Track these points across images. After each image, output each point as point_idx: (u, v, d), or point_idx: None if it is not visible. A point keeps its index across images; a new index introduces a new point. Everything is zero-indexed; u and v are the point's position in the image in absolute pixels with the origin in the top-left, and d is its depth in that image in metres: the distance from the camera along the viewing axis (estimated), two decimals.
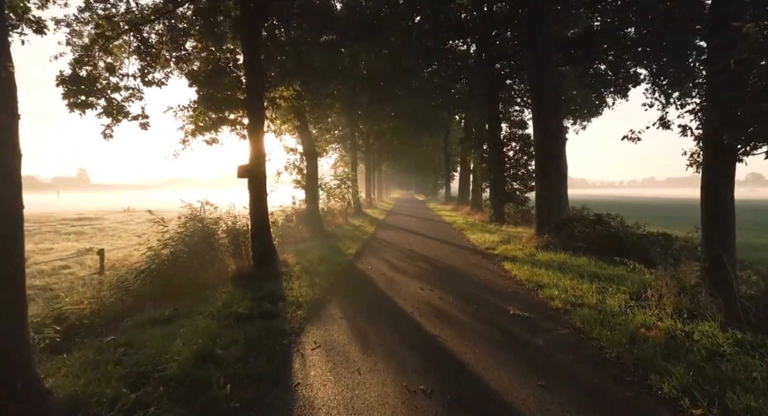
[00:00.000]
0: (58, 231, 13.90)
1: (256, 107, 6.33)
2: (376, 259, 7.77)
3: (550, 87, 8.40)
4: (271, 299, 4.79)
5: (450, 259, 7.72)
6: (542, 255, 7.39)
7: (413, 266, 7.01)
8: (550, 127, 8.43)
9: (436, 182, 48.97)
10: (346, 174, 15.37)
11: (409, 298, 5.00)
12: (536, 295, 5.12)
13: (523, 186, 14.85)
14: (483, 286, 5.63)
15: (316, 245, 9.10)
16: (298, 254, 7.78)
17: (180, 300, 5.01)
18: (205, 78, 6.39)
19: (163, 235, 6.29)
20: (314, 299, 4.90)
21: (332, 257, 7.57)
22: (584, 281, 5.37)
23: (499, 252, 8.27)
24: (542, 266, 6.54)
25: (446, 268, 6.89)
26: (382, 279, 6.03)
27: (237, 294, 4.99)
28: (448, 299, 4.92)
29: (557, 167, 8.42)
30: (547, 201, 8.47)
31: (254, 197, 6.48)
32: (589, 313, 4.15)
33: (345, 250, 8.74)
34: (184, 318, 4.18)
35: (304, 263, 6.82)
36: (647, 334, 3.50)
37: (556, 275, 5.88)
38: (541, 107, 8.54)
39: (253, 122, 6.39)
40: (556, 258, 7.03)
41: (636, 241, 7.43)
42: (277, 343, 3.52)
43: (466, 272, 6.57)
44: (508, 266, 6.88)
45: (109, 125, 6.75)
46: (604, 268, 6.15)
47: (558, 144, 8.44)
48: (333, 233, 11.32)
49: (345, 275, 6.29)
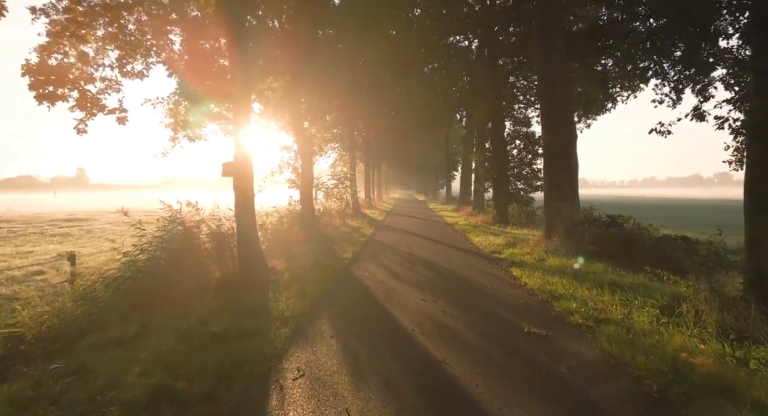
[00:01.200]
0: (43, 233, 13.36)
1: (243, 99, 5.79)
2: (374, 264, 7.23)
3: (560, 79, 7.85)
4: (254, 313, 4.24)
5: (453, 264, 7.18)
6: (553, 260, 6.85)
7: (413, 273, 6.47)
8: (559, 121, 7.88)
9: (436, 182, 48.52)
10: (343, 173, 14.82)
11: (409, 311, 4.46)
12: (551, 308, 4.57)
13: (528, 186, 14.34)
14: (491, 296, 5.09)
15: (310, 248, 8.56)
16: (290, 259, 7.23)
17: (154, 313, 4.46)
18: (186, 66, 5.86)
19: (140, 239, 5.75)
20: (303, 313, 4.35)
21: (327, 263, 7.02)
22: (604, 291, 4.83)
23: (506, 257, 7.73)
24: (554, 273, 6.00)
25: (449, 275, 6.35)
26: (380, 288, 5.49)
27: (216, 307, 4.45)
28: (452, 313, 4.38)
29: (567, 165, 7.87)
30: (557, 202, 7.93)
31: (240, 197, 5.93)
32: (616, 331, 3.61)
33: (341, 254, 8.19)
34: (151, 336, 3.63)
35: (295, 270, 6.28)
36: (691, 360, 2.96)
37: (571, 283, 5.34)
38: (550, 101, 7.99)
39: (238, 115, 5.84)
40: (569, 264, 6.49)
41: (654, 245, 6.89)
42: (253, 371, 2.97)
43: (471, 279, 6.03)
44: (517, 272, 6.34)
45: (83, 119, 6.21)
46: (623, 276, 5.60)
47: (568, 140, 7.90)
48: (329, 235, 10.78)
49: (339, 284, 5.75)
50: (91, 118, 6.28)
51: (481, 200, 19.14)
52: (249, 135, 6.00)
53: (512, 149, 14.78)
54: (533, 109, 18.41)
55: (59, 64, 5.91)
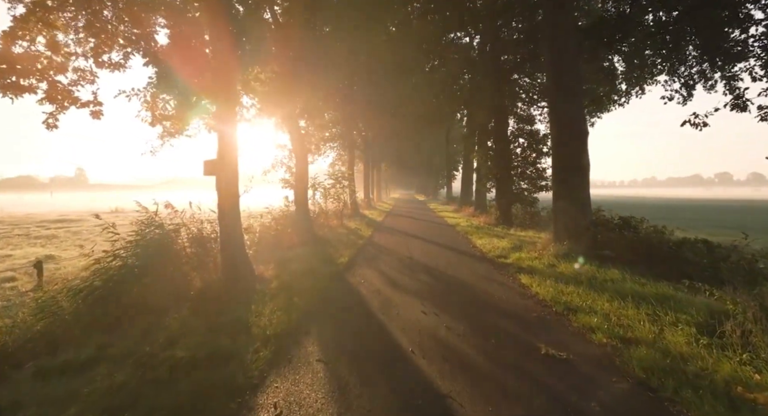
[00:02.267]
0: (29, 235, 12.84)
1: (226, 91, 5.27)
2: (371, 270, 6.72)
3: (570, 71, 7.33)
4: (231, 330, 3.73)
5: (456, 270, 6.66)
6: (564, 266, 6.33)
7: (414, 280, 5.95)
8: (570, 116, 7.37)
9: (437, 182, 48.03)
10: (341, 173, 14.30)
11: (408, 327, 3.94)
12: (569, 323, 4.06)
13: (532, 186, 13.80)
14: (499, 309, 4.57)
15: (303, 252, 8.04)
16: (280, 265, 6.71)
17: (119, 330, 3.95)
18: (166, 55, 5.34)
19: (113, 244, 5.24)
20: (287, 330, 3.84)
21: (319, 268, 6.51)
22: (627, 303, 4.31)
23: (513, 261, 7.21)
24: (568, 281, 5.48)
25: (452, 282, 5.84)
26: (377, 299, 4.97)
27: (191, 322, 3.94)
28: (458, 330, 3.86)
29: (578, 163, 7.35)
30: (567, 203, 7.41)
31: (224, 198, 5.42)
32: (650, 355, 3.10)
33: (336, 258, 7.68)
34: (106, 362, 3.12)
35: (284, 277, 5.76)
36: (750, 397, 2.44)
37: (589, 294, 4.83)
38: (559, 95, 7.47)
39: (222, 108, 5.33)
40: (583, 271, 5.97)
41: (674, 250, 6.37)
42: (221, 409, 2.46)
43: (476, 288, 5.51)
44: (526, 280, 5.83)
45: (53, 113, 5.69)
46: (644, 285, 5.08)
47: (579, 136, 7.38)
48: (325, 237, 10.26)
49: (331, 293, 5.23)
50: (63, 111, 5.77)
51: (483, 201, 18.62)
52: (235, 131, 5.49)
53: (515, 147, 14.25)
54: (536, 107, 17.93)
55: (26, 52, 5.39)
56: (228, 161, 5.41)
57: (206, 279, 5.33)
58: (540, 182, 13.68)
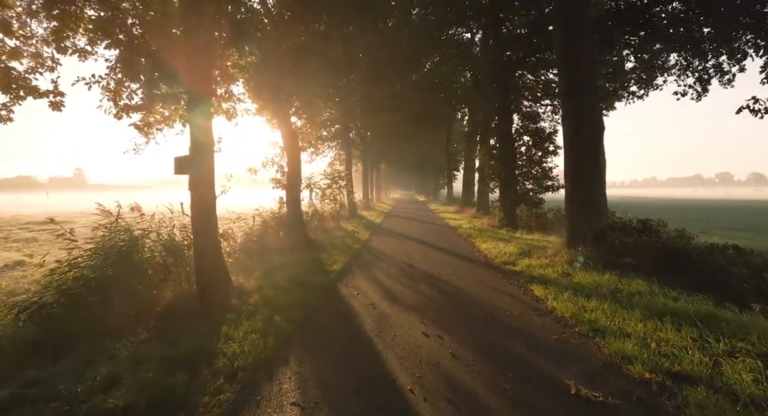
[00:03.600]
0: (7, 238, 12.19)
1: (199, 78, 4.63)
2: (366, 279, 6.07)
3: (585, 60, 6.69)
4: (192, 361, 3.08)
5: (460, 279, 6.02)
6: (581, 276, 5.68)
7: (413, 292, 5.30)
8: (585, 111, 6.72)
9: (437, 182, 47.39)
10: (338, 173, 13.65)
11: (406, 355, 3.30)
12: (597, 349, 3.41)
13: (537, 186, 13.15)
14: (513, 329, 3.92)
15: (293, 258, 7.39)
16: (265, 274, 6.06)
17: (62, 360, 3.30)
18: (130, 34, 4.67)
19: (70, 253, 4.61)
20: (261, 361, 3.19)
21: (308, 278, 5.85)
22: (665, 324, 3.67)
23: (522, 269, 6.57)
24: (588, 293, 4.83)
25: (457, 295, 5.19)
26: (371, 316, 4.32)
27: (145, 350, 3.29)
28: (466, 358, 3.21)
29: (594, 162, 6.72)
30: (581, 204, 6.77)
31: (198, 200, 4.77)
32: (711, 400, 2.45)
33: (328, 265, 7.03)
34: (25, 407, 2.47)
35: (267, 290, 5.10)
36: None
37: (615, 310, 4.18)
38: (573, 86, 6.83)
39: (195, 98, 4.68)
40: (603, 281, 5.33)
41: (703, 257, 5.72)
42: None
43: (483, 301, 4.86)
44: (540, 291, 5.18)
45: (6, 104, 5.04)
46: (678, 299, 4.44)
47: (595, 132, 6.74)
48: (319, 241, 9.62)
49: (319, 310, 4.57)
50: (18, 102, 5.13)
51: (485, 202, 17.98)
52: (210, 123, 4.84)
53: (520, 146, 13.59)
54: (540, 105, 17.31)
55: None
56: (203, 157, 4.77)
57: (178, 292, 4.68)
58: (546, 182, 13.04)
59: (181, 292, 4.72)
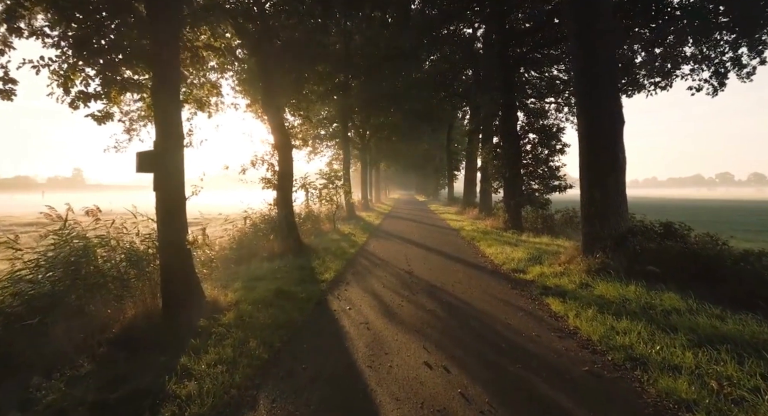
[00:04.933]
0: None
1: (165, 59, 3.98)
2: (361, 290, 5.42)
3: (602, 46, 6.05)
4: (132, 410, 2.43)
5: (465, 290, 5.37)
6: (603, 287, 5.03)
7: (414, 307, 4.65)
8: (603, 103, 6.08)
9: (437, 182, 46.74)
10: (334, 172, 13.00)
11: (406, 396, 2.65)
12: (640, 386, 2.76)
13: (544, 186, 12.50)
14: (532, 357, 3.27)
15: (281, 266, 6.74)
16: (247, 285, 5.41)
17: None
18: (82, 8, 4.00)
19: (13, 265, 3.96)
20: (223, 405, 2.54)
21: (296, 290, 5.21)
22: (720, 353, 3.02)
23: (534, 278, 5.92)
24: (616, 310, 4.18)
25: (463, 310, 4.54)
26: (364, 339, 3.67)
27: (73, 395, 2.64)
28: (479, 401, 2.57)
29: (613, 158, 6.07)
30: (599, 206, 6.13)
31: (165, 201, 4.13)
32: None
33: (320, 273, 6.38)
34: None
35: (245, 306, 4.44)
36: None
37: (652, 332, 3.53)
38: (590, 76, 6.19)
39: (160, 83, 4.03)
40: (629, 294, 4.68)
41: (740, 266, 5.07)
42: None
43: (494, 319, 4.21)
44: (558, 306, 4.53)
45: None
46: (722, 318, 3.80)
47: (614, 126, 6.10)
48: (312, 245, 8.96)
49: (304, 331, 3.92)
50: None
51: (488, 202, 17.33)
52: (179, 112, 4.19)
53: (525, 144, 12.93)
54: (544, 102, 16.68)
55: None
56: (170, 153, 4.12)
57: (141, 310, 4.03)
58: (553, 182, 12.39)
59: (144, 309, 4.07)
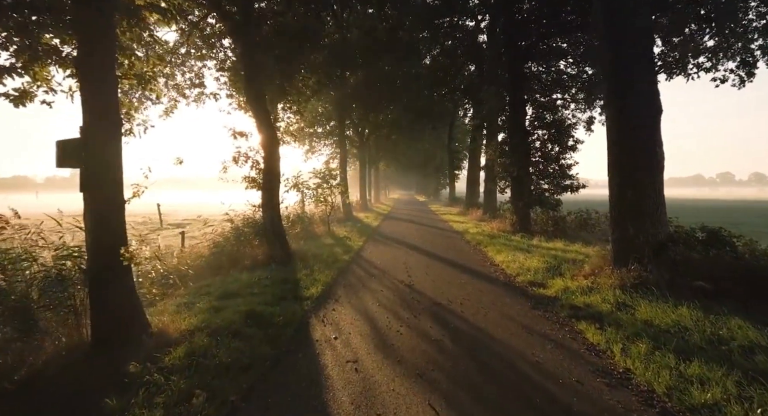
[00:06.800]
0: None
1: (93, 19, 3.06)
2: (352, 311, 4.50)
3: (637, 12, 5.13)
4: None
5: (477, 311, 4.45)
6: (647, 309, 4.11)
7: (415, 335, 3.73)
8: (639, 85, 5.16)
9: (438, 182, 45.85)
10: (328, 171, 12.09)
11: None
12: None
13: (555, 186, 11.58)
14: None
15: (262, 277, 5.83)
16: (213, 306, 4.48)
17: None
18: None
19: None
20: None
21: (273, 311, 4.28)
22: None
23: (556, 294, 5.00)
24: (674, 343, 3.26)
25: (477, 341, 3.62)
26: (350, 388, 2.75)
27: None
28: None
29: (650, 153, 5.16)
30: (633, 208, 5.22)
31: (96, 204, 3.21)
32: None
33: (306, 287, 5.46)
34: None
35: (200, 338, 3.48)
36: None
37: (739, 382, 2.62)
38: (620, 59, 5.28)
39: (87, 50, 3.12)
40: (684, 319, 3.76)
41: None
42: None
43: (519, 355, 3.29)
44: (596, 335, 3.62)
45: None
46: None
47: (650, 115, 5.18)
48: (301, 251, 8.05)
49: (271, 376, 3.00)
50: None
51: (492, 203, 16.42)
52: (114, 89, 3.27)
53: (534, 140, 12.01)
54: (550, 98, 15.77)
55: None
56: (103, 141, 3.20)
57: (62, 346, 3.12)
58: (564, 182, 11.47)
59: (70, 345, 3.16)
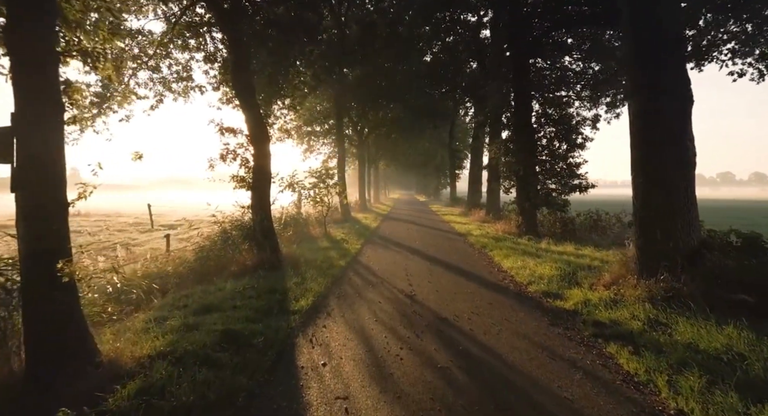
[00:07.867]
0: None
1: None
2: (344, 329, 3.94)
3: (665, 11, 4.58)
4: None
5: (489, 329, 3.88)
6: (687, 328, 3.55)
7: (417, 360, 3.17)
8: (668, 73, 4.60)
9: (439, 182, 45.33)
10: (325, 170, 11.51)
11: None
12: None
13: (562, 186, 11.02)
14: None
15: (248, 286, 5.26)
16: (185, 323, 3.90)
17: None
18: None
19: None
20: None
21: (254, 329, 3.71)
22: None
23: (576, 307, 4.44)
24: (731, 374, 2.70)
25: (491, 369, 3.05)
26: None
27: None
28: None
29: (681, 150, 4.60)
30: (662, 211, 4.66)
31: (29, 208, 2.65)
32: None
33: (295, 299, 4.90)
34: None
35: (161, 367, 2.91)
36: None
37: None
38: (649, 36, 4.72)
39: (17, 17, 2.57)
40: (735, 342, 3.19)
41: None
42: None
43: (543, 390, 2.73)
44: (631, 362, 3.06)
45: None
46: None
47: (681, 108, 4.62)
48: (294, 255, 7.48)
49: (243, 414, 2.44)
50: None
51: (496, 203, 15.86)
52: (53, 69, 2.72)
53: (540, 137, 11.45)
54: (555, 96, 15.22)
55: None
56: (39, 130, 2.64)
57: None
58: (572, 181, 10.91)
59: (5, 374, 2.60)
